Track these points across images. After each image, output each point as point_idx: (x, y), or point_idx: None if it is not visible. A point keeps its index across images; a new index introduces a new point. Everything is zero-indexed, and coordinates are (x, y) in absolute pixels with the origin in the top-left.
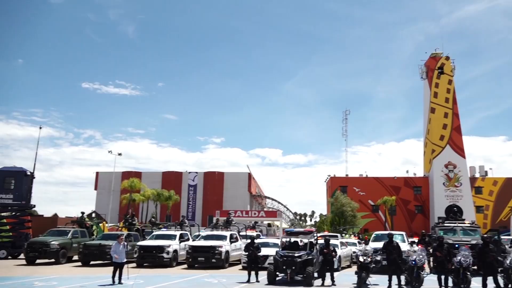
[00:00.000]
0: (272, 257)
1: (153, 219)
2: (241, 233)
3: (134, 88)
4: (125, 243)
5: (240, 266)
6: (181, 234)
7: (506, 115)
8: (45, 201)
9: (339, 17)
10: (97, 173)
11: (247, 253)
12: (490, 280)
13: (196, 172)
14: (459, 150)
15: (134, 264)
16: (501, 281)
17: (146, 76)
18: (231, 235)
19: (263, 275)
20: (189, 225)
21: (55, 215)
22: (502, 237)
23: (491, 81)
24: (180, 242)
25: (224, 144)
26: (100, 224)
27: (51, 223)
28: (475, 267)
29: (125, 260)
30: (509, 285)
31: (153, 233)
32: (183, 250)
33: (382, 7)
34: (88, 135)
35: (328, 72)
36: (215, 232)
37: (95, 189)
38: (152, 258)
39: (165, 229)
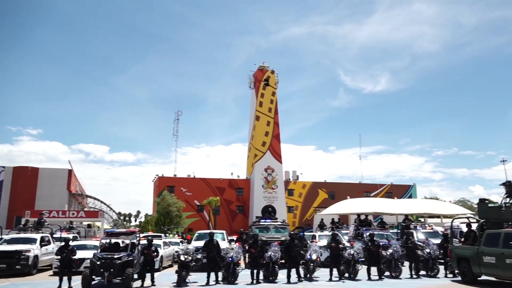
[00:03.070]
0: (88, 260)
1: None
2: (55, 236)
3: None
4: None
5: (51, 272)
6: None
7: (315, 127)
8: None
9: (179, 19)
10: None
11: (59, 257)
12: (293, 271)
13: (4, 167)
14: (277, 156)
15: None
16: (302, 272)
17: None
18: (42, 238)
19: (77, 279)
20: None
21: None
22: (306, 233)
23: (306, 97)
24: None
25: (42, 137)
26: None
27: None
28: (283, 261)
29: None
30: (308, 275)
31: None
32: None
33: (220, 15)
34: None
35: (163, 72)
36: (22, 235)
37: None
38: None
39: None
